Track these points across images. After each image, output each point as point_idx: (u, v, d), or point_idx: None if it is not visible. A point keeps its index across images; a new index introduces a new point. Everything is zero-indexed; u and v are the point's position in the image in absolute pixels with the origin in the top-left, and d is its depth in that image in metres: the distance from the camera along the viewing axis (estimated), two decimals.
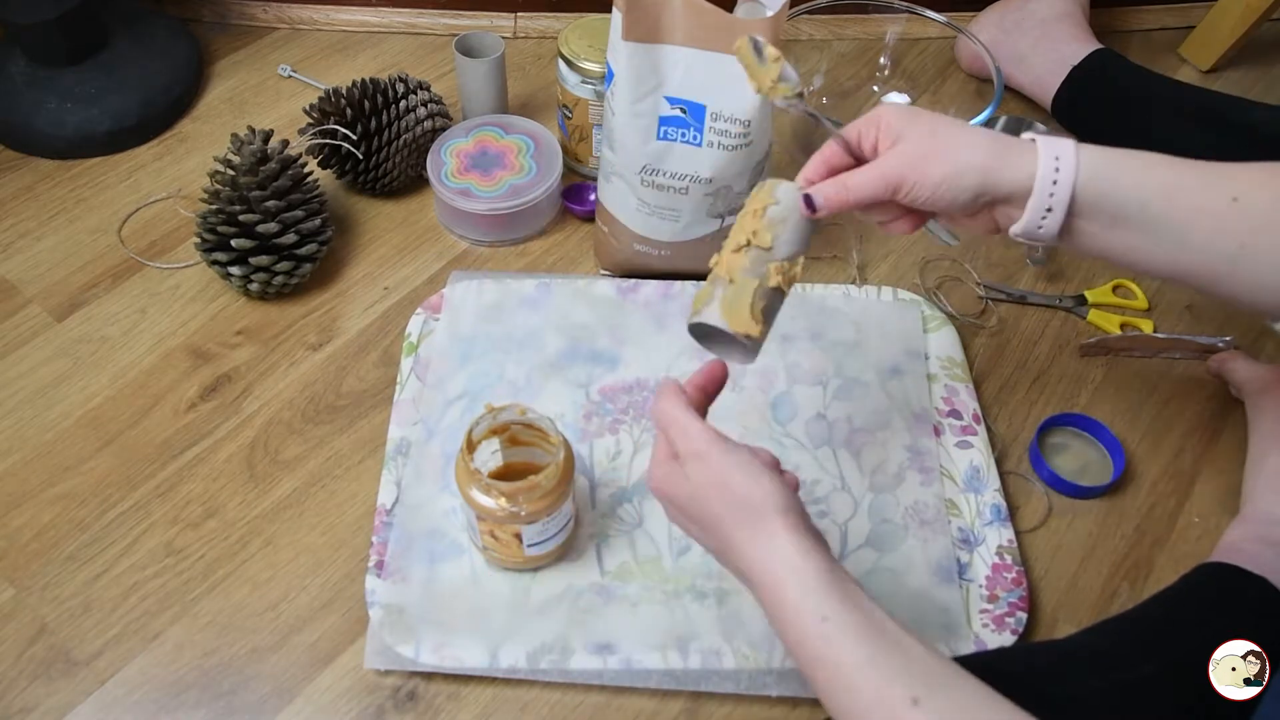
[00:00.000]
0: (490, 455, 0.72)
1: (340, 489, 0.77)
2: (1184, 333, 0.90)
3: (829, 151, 0.63)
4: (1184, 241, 0.57)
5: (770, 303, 0.61)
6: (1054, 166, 0.57)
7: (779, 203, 0.61)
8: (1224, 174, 0.58)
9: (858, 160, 0.62)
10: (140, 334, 0.86)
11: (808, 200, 0.61)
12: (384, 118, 0.91)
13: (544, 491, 0.65)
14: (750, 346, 0.61)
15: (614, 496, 0.76)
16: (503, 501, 0.64)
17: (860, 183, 0.60)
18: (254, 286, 0.85)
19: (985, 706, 0.49)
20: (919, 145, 0.58)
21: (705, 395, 0.61)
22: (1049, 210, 0.57)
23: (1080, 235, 0.59)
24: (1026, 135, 0.59)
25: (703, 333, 0.63)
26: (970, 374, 0.84)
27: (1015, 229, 0.59)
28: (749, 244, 0.61)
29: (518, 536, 0.67)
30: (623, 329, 0.86)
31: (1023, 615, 0.71)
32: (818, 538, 0.55)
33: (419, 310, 0.87)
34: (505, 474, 0.72)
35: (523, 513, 0.64)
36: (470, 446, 0.66)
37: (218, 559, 0.73)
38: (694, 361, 0.83)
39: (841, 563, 0.72)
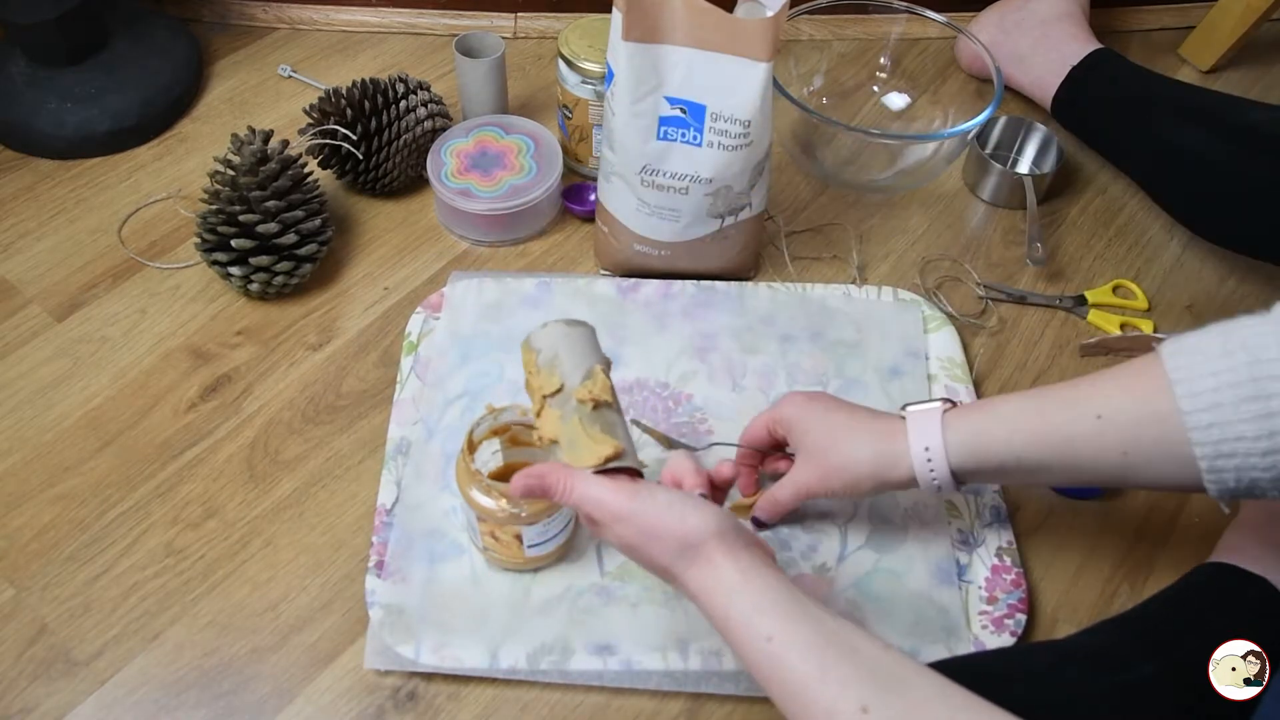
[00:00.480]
0: (491, 456, 0.72)
1: (340, 489, 0.77)
2: (1184, 332, 0.89)
3: (749, 441, 0.73)
4: (1071, 467, 0.61)
5: (604, 420, 0.60)
6: (926, 459, 0.63)
7: (540, 350, 0.62)
8: (1085, 395, 0.60)
9: (773, 444, 0.73)
10: (140, 334, 0.86)
11: (755, 521, 0.73)
12: (384, 118, 0.91)
13: None
14: (635, 461, 0.61)
15: None
16: (503, 502, 0.64)
17: (784, 498, 0.70)
18: (254, 287, 0.85)
19: (939, 702, 0.49)
20: (818, 464, 0.67)
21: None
22: (938, 486, 0.64)
23: (980, 482, 0.69)
24: (902, 409, 0.66)
25: None
26: (970, 374, 0.84)
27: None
28: (544, 400, 0.61)
29: (518, 537, 0.67)
30: (623, 329, 0.86)
31: (1022, 617, 0.71)
32: (758, 553, 0.56)
33: (419, 310, 0.87)
34: (506, 474, 0.72)
35: (523, 514, 0.64)
36: (471, 447, 0.66)
37: (218, 559, 0.73)
38: (694, 361, 0.84)
39: (841, 564, 0.73)
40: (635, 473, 0.60)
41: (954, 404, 0.65)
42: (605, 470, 0.58)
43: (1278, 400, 0.52)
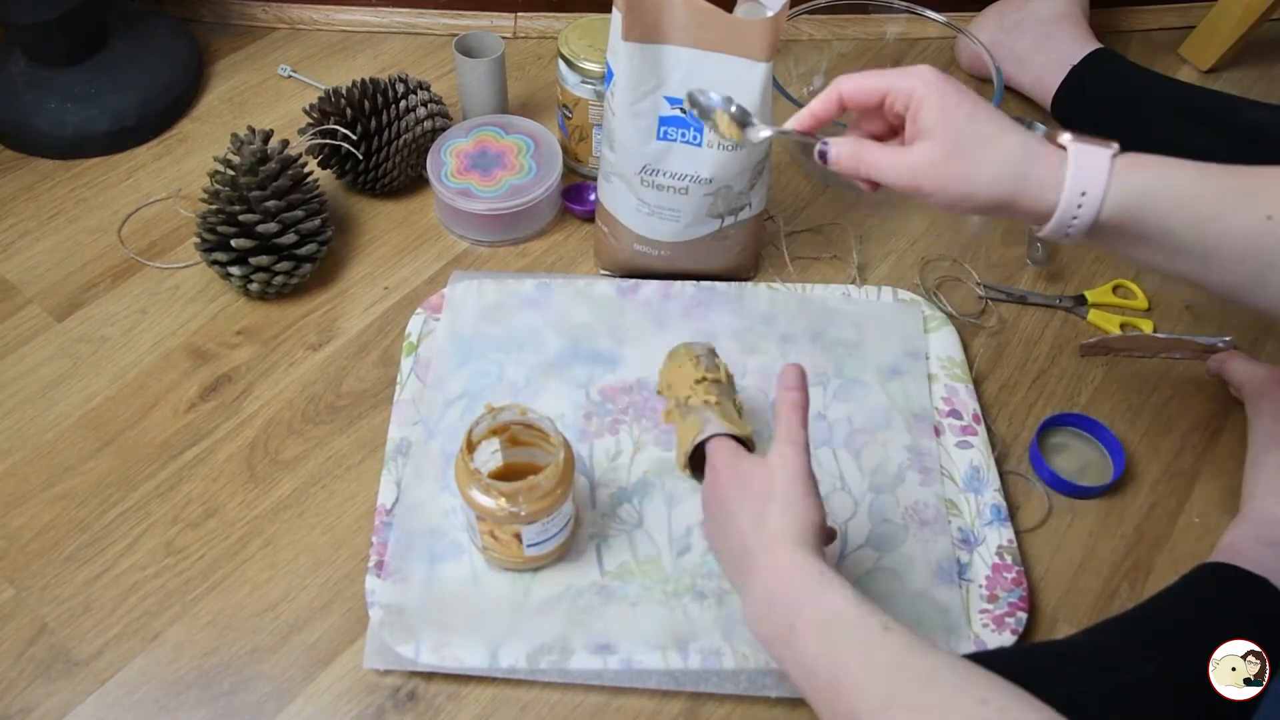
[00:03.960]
0: (490, 455, 0.72)
1: (340, 489, 0.77)
2: (1184, 333, 0.90)
3: (848, 92, 0.61)
4: (1209, 261, 0.57)
5: (724, 398, 0.73)
6: (1077, 203, 0.56)
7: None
8: (1257, 190, 0.56)
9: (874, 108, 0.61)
10: (140, 334, 0.86)
11: (822, 153, 0.61)
12: (384, 118, 0.91)
13: (544, 492, 0.65)
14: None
15: (614, 496, 0.76)
16: (502, 502, 0.64)
17: (875, 164, 0.59)
18: (254, 286, 0.85)
19: (932, 646, 0.51)
20: (943, 157, 0.57)
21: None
22: (1068, 234, 0.57)
23: (1100, 243, 0.59)
24: (1063, 139, 0.57)
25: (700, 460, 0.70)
26: (970, 374, 0.84)
27: (1035, 234, 0.60)
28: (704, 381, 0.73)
29: (518, 537, 0.67)
30: (623, 329, 0.86)
31: (1023, 615, 0.71)
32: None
33: (419, 310, 0.87)
34: (505, 474, 0.72)
35: (523, 513, 0.64)
36: (470, 447, 0.66)
37: (218, 559, 0.73)
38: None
39: (841, 563, 0.73)
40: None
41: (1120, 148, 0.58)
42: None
43: None
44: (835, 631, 0.52)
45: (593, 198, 0.94)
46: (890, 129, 0.63)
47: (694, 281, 0.89)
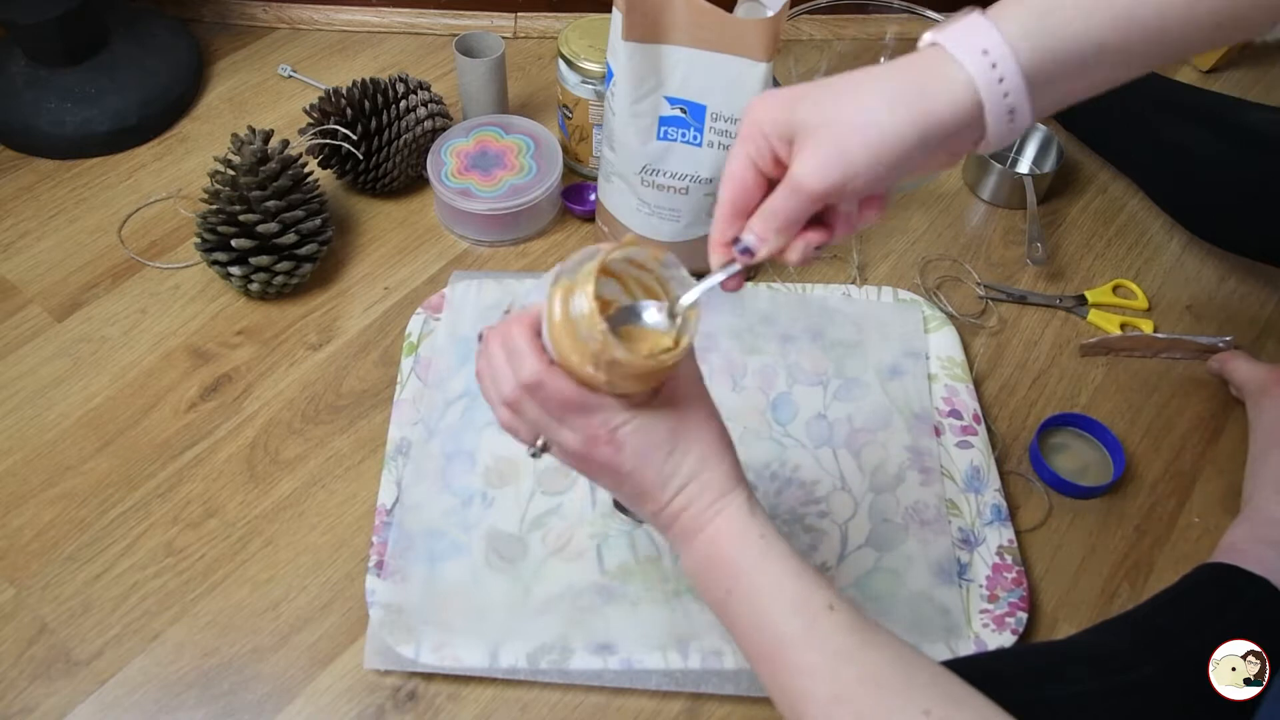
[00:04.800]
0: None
1: (340, 489, 0.77)
2: (1184, 333, 0.90)
3: (730, 196, 0.51)
4: (1158, 49, 0.48)
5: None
6: (989, 64, 0.45)
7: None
8: None
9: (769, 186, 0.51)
10: (140, 334, 0.86)
11: (744, 251, 0.52)
12: (384, 118, 0.91)
13: (665, 366, 0.52)
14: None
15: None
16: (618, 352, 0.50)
17: (785, 206, 0.48)
18: (254, 286, 0.85)
19: (879, 628, 0.50)
20: (825, 134, 0.46)
21: None
22: (1011, 112, 0.46)
23: (1050, 104, 0.49)
24: (924, 42, 0.48)
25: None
26: (970, 374, 0.84)
27: (984, 148, 0.49)
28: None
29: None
30: None
31: (1023, 615, 0.71)
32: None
33: (419, 310, 0.87)
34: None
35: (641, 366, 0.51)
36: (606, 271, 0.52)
37: (218, 559, 0.73)
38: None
39: (841, 563, 0.73)
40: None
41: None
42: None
43: None
44: (776, 604, 0.50)
45: (593, 198, 0.94)
46: None
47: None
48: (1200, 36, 0.48)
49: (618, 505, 0.72)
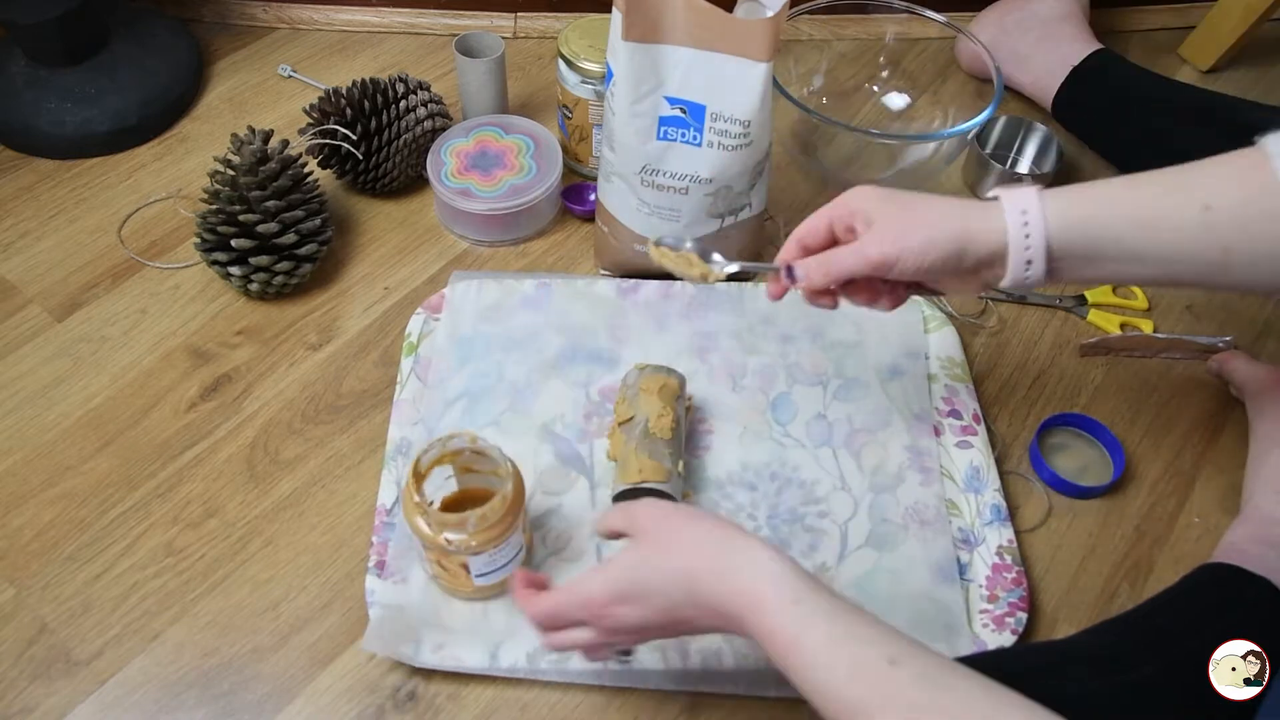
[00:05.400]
0: (444, 481, 0.70)
1: (340, 489, 0.77)
2: (1184, 333, 0.90)
3: (804, 232, 0.65)
4: (1168, 259, 0.58)
5: (656, 450, 0.72)
6: (1023, 222, 0.58)
7: (629, 384, 0.76)
8: (1191, 182, 0.58)
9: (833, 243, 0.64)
10: (140, 334, 0.86)
11: (789, 271, 0.64)
12: (384, 118, 0.91)
13: (490, 523, 0.63)
14: (667, 487, 0.71)
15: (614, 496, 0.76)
16: (447, 533, 0.63)
17: (842, 261, 0.62)
18: (254, 286, 0.85)
19: (953, 669, 0.48)
20: (894, 222, 0.61)
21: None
22: (1029, 262, 0.59)
23: (1066, 273, 0.61)
24: (990, 193, 0.61)
25: (630, 495, 0.71)
26: (970, 374, 0.84)
27: (1004, 283, 0.61)
28: (617, 426, 0.75)
29: (465, 567, 0.66)
30: (623, 329, 0.86)
31: (1023, 615, 0.71)
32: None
33: (419, 310, 0.87)
34: (460, 501, 0.71)
35: (473, 543, 0.63)
36: (418, 475, 0.65)
37: (218, 559, 0.73)
38: (694, 361, 0.83)
39: (841, 563, 0.73)
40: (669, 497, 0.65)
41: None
42: (636, 491, 0.67)
43: None
44: (832, 675, 0.48)
45: (593, 198, 0.94)
46: None
47: (694, 283, 0.89)
48: (1207, 258, 0.57)
49: (616, 499, 0.72)
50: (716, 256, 0.70)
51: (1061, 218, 0.58)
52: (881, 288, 0.66)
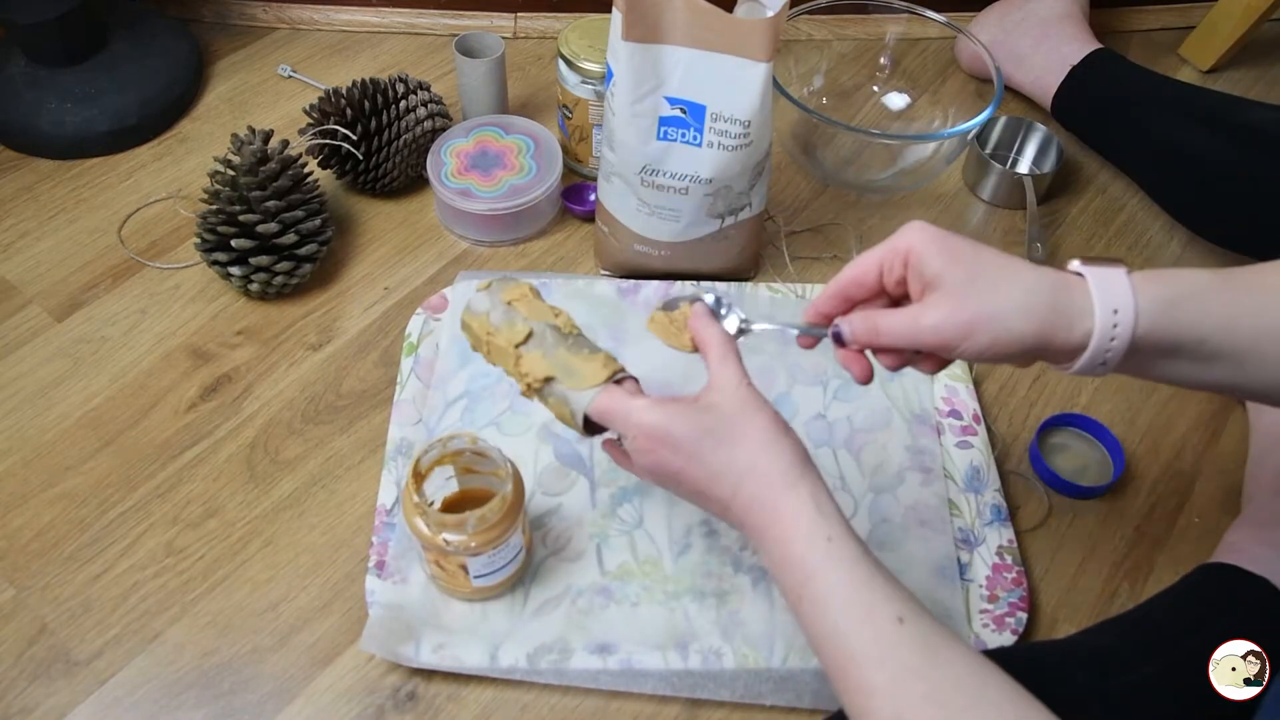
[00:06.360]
0: (444, 483, 0.70)
1: (340, 489, 0.77)
2: None
3: (846, 282, 0.57)
4: (1243, 363, 0.53)
5: (587, 344, 0.63)
6: (1112, 324, 0.51)
7: (486, 312, 0.65)
8: (1278, 285, 0.53)
9: (879, 288, 0.57)
10: (140, 334, 0.86)
11: (836, 335, 0.57)
12: (384, 118, 0.91)
13: (489, 524, 0.63)
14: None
15: (614, 496, 0.76)
16: (445, 534, 0.63)
17: (893, 329, 0.54)
18: (254, 286, 0.85)
19: (953, 643, 0.49)
20: (961, 299, 0.52)
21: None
22: (1103, 364, 0.53)
23: (1133, 365, 0.54)
24: (1073, 266, 0.54)
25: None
26: (970, 374, 0.84)
27: (1064, 370, 0.55)
28: (518, 350, 0.64)
29: (464, 568, 0.66)
30: (623, 329, 0.86)
31: (1023, 615, 0.71)
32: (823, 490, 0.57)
33: (419, 310, 0.87)
34: (461, 501, 0.71)
35: (473, 544, 0.63)
36: (418, 476, 0.65)
37: (218, 559, 0.73)
38: (694, 361, 0.83)
39: None
40: (635, 381, 0.62)
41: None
42: (614, 381, 0.60)
43: None
44: (845, 614, 0.50)
45: (593, 198, 0.94)
46: (895, 304, 0.58)
47: (694, 281, 0.89)
48: (1271, 378, 0.53)
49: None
50: (739, 312, 0.66)
51: (1150, 316, 0.51)
52: (922, 355, 0.57)
